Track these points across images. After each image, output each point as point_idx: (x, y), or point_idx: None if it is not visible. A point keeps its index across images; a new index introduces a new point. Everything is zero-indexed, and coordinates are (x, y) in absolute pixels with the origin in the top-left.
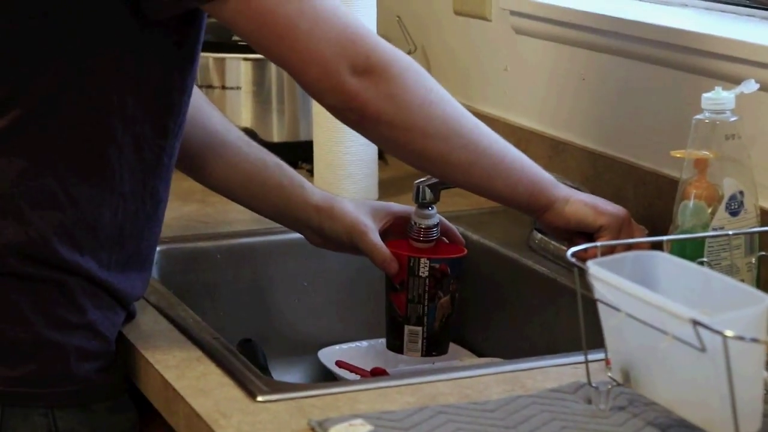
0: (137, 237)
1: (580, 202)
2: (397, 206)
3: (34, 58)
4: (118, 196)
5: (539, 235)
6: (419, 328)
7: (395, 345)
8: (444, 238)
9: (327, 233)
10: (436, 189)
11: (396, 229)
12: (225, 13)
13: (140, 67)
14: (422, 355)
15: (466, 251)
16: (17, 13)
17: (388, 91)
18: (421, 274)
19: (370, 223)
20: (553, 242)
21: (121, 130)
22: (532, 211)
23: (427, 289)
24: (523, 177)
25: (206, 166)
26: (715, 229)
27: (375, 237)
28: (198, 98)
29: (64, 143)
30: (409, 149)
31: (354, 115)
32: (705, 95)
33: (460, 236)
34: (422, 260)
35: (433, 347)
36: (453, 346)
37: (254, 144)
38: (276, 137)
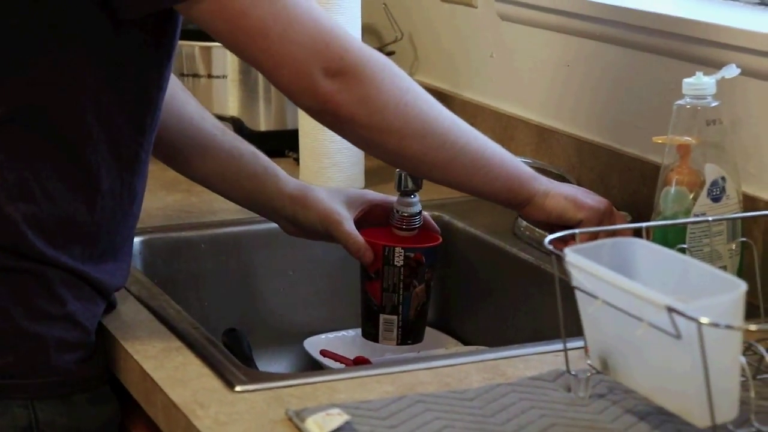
0: (112, 232)
1: (560, 196)
2: (372, 194)
3: (8, 56)
4: (96, 193)
5: (524, 223)
6: (394, 317)
7: (370, 334)
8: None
9: (301, 222)
10: (418, 177)
11: (372, 218)
12: (197, 14)
13: (116, 65)
14: (397, 344)
15: (440, 240)
16: None
17: (362, 93)
18: (396, 263)
19: (344, 211)
20: (538, 230)
21: (98, 127)
22: (512, 205)
23: (402, 278)
24: (502, 172)
25: (180, 154)
26: (696, 215)
27: (349, 226)
28: (173, 85)
29: (40, 139)
30: (385, 150)
31: (328, 116)
32: (686, 80)
33: (435, 225)
34: (397, 249)
35: (409, 336)
36: (438, 335)
37: (229, 132)
38: (263, 126)
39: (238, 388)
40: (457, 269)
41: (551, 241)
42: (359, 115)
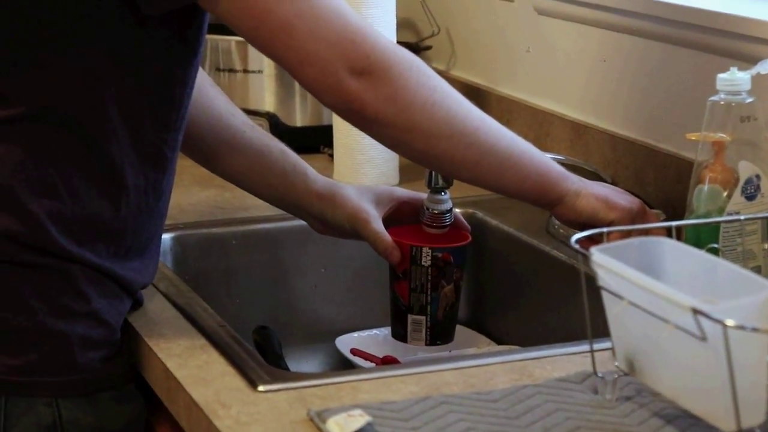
0: (138, 229)
1: (591, 196)
2: (401, 191)
3: (34, 51)
4: (120, 190)
5: (557, 221)
6: (423, 317)
7: (399, 334)
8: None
9: (329, 221)
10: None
11: (401, 215)
12: (221, 10)
13: (141, 62)
14: (426, 344)
15: (470, 239)
16: (17, 8)
17: (389, 92)
18: (423, 263)
19: (372, 210)
20: (572, 228)
21: (121, 124)
22: (543, 205)
23: (429, 278)
24: (532, 172)
25: (209, 151)
26: (730, 214)
27: (377, 225)
28: (202, 80)
29: (65, 137)
30: (412, 149)
31: (354, 115)
32: (720, 76)
33: (466, 223)
34: (424, 249)
35: (438, 336)
36: (471, 333)
37: (258, 129)
38: (298, 121)
39: (261, 388)
40: (491, 267)
41: (578, 240)
42: (385, 114)
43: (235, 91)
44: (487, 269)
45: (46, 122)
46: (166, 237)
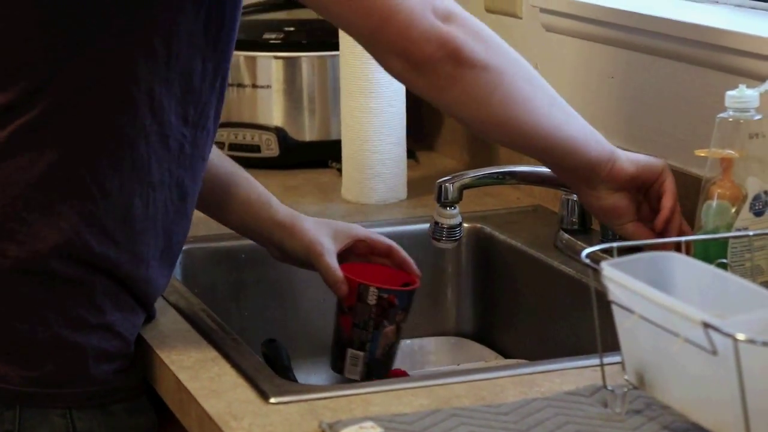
0: (169, 230)
1: (630, 155)
2: (360, 229)
3: (62, 48)
4: (148, 186)
5: (566, 236)
6: (361, 353)
7: (337, 365)
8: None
9: (287, 250)
10: (459, 188)
11: (357, 251)
12: None
13: (168, 51)
14: (361, 379)
15: (418, 284)
16: (45, 4)
17: (474, 29)
18: (369, 301)
19: (328, 243)
20: (579, 242)
21: (150, 118)
22: (599, 162)
23: (372, 316)
24: (588, 128)
25: None
26: (738, 230)
27: (329, 258)
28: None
29: (95, 133)
30: (498, 94)
31: (450, 60)
32: (729, 93)
33: (416, 268)
34: (371, 288)
35: (373, 373)
36: (479, 348)
37: (225, 157)
38: (307, 136)
39: (272, 400)
40: (499, 282)
41: (588, 255)
42: (478, 52)
43: (244, 106)
44: (494, 284)
45: (77, 120)
46: None
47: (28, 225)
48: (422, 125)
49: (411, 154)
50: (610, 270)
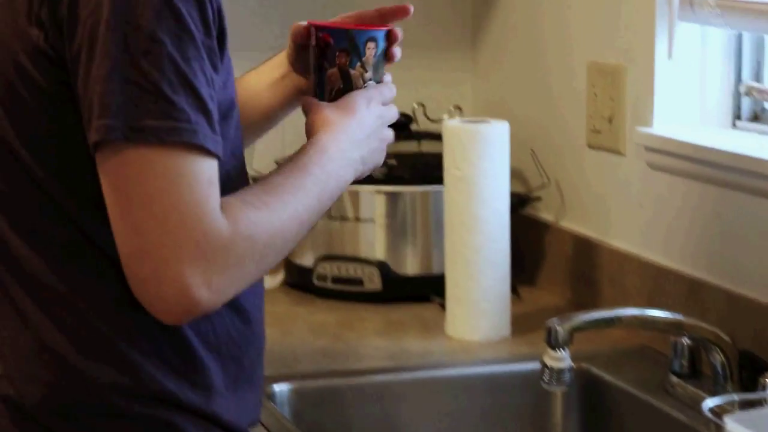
0: (237, 352)
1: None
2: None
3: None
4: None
5: (676, 379)
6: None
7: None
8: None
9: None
10: (569, 331)
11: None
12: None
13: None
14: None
15: (358, 27)
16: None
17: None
18: (311, 42)
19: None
20: (690, 386)
21: None
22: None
23: (313, 60)
24: (331, 180)
25: None
26: None
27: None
28: None
29: None
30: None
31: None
32: None
33: (388, 25)
34: (311, 28)
35: None
36: None
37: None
38: (409, 270)
39: None
40: (606, 425)
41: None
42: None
43: (346, 239)
44: (601, 426)
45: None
46: (284, 388)
47: None
48: (523, 260)
49: (513, 289)
50: (734, 425)
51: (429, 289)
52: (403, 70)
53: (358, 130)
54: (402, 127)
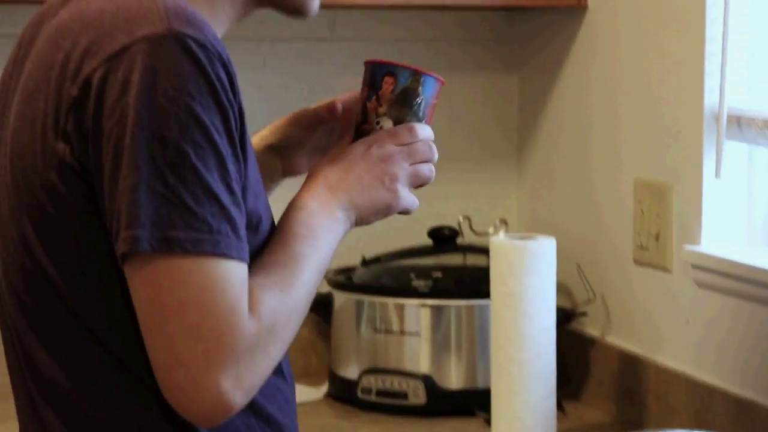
0: None
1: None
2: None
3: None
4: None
5: None
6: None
7: None
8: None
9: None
10: None
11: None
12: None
13: None
14: None
15: (392, 62)
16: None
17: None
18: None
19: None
20: None
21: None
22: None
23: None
24: (321, 233)
25: None
26: None
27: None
28: None
29: None
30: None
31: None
32: None
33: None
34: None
35: None
36: None
37: None
38: (454, 384)
39: None
40: None
41: None
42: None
43: (391, 352)
44: None
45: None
46: None
47: None
48: (568, 375)
49: (558, 405)
50: None
51: (474, 403)
52: (448, 183)
53: (342, 175)
54: (448, 240)
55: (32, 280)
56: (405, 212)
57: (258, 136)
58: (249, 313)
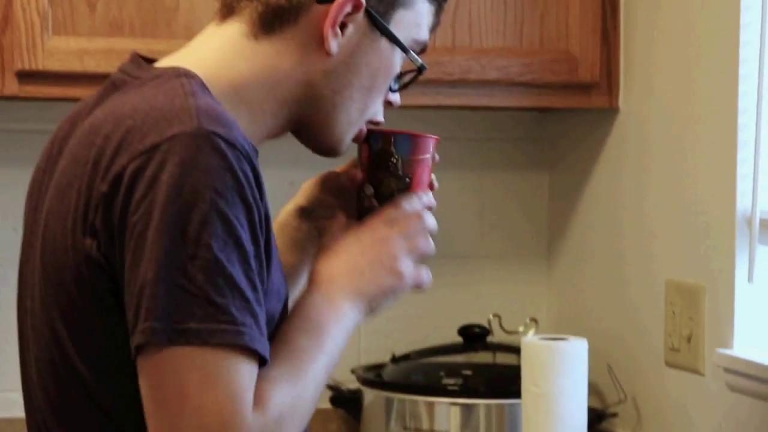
0: None
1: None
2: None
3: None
4: None
5: None
6: None
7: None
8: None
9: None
10: None
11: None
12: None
13: None
14: None
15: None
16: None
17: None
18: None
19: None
20: None
21: None
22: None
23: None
24: (332, 343)
25: None
26: None
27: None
28: None
29: None
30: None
31: None
32: None
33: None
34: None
35: None
36: None
37: None
38: None
39: None
40: None
41: None
42: None
43: None
44: None
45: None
46: None
47: None
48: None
49: None
50: None
51: None
52: (479, 280)
53: (341, 267)
54: (478, 338)
55: (62, 375)
56: (418, 289)
57: (291, 201)
58: (254, 405)
